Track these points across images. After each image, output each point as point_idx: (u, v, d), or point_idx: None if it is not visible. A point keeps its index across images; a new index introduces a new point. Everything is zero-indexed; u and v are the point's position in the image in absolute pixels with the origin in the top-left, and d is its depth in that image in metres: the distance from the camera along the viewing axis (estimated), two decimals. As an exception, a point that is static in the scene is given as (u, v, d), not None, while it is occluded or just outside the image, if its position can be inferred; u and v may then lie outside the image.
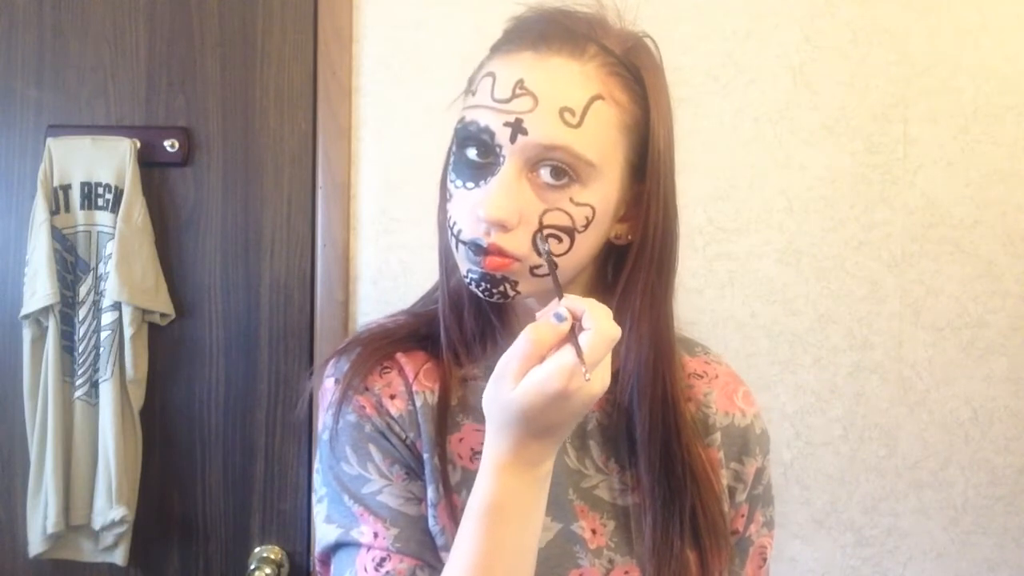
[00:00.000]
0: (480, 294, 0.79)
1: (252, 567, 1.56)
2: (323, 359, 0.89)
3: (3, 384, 1.57)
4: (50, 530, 1.47)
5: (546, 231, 0.76)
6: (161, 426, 1.58)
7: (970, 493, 1.58)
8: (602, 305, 0.70)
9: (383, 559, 0.78)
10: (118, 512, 1.48)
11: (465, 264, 0.79)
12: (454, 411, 0.85)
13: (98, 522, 1.49)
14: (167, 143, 1.55)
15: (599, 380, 0.69)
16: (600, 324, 0.68)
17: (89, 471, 1.51)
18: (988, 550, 1.59)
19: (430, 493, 0.82)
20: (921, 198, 1.57)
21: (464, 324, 0.86)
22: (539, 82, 0.75)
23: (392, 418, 0.83)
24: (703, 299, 1.57)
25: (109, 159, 1.52)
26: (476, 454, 0.83)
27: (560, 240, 0.77)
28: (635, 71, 0.79)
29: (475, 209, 0.76)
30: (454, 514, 0.81)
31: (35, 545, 1.50)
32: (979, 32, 1.56)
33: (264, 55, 1.58)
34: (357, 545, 0.79)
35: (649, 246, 0.81)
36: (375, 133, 1.57)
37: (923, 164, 1.57)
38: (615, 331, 0.69)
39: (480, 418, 0.82)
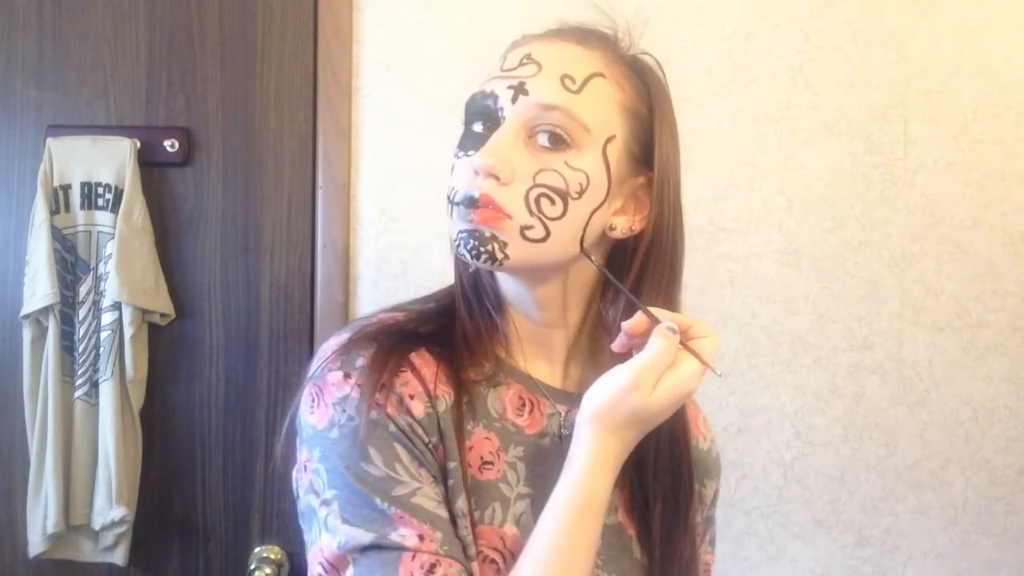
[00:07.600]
0: (468, 255, 0.78)
1: (252, 567, 1.56)
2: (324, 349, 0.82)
3: (3, 384, 1.57)
4: (50, 530, 1.47)
5: (539, 190, 0.77)
6: (161, 426, 1.58)
7: (970, 493, 1.58)
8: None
9: (434, 564, 0.73)
10: (118, 512, 1.48)
11: (456, 226, 0.79)
12: (465, 417, 0.82)
13: (98, 522, 1.49)
14: (167, 143, 1.55)
15: None
16: (713, 333, 0.78)
17: (89, 471, 1.51)
18: (988, 550, 1.59)
19: (460, 502, 0.78)
20: (921, 198, 1.57)
21: (476, 322, 0.86)
22: (544, 55, 0.80)
23: (414, 419, 0.78)
24: (704, 299, 1.57)
25: (109, 159, 1.52)
26: (485, 463, 0.82)
27: (553, 202, 0.78)
28: (640, 73, 0.83)
29: (471, 166, 0.78)
30: (472, 525, 0.79)
31: (35, 545, 1.49)
32: (979, 32, 1.56)
33: (264, 55, 1.58)
34: (399, 549, 0.73)
35: (661, 245, 0.84)
36: (375, 133, 1.57)
37: (923, 164, 1.57)
38: (719, 337, 0.79)
39: (488, 425, 0.83)
